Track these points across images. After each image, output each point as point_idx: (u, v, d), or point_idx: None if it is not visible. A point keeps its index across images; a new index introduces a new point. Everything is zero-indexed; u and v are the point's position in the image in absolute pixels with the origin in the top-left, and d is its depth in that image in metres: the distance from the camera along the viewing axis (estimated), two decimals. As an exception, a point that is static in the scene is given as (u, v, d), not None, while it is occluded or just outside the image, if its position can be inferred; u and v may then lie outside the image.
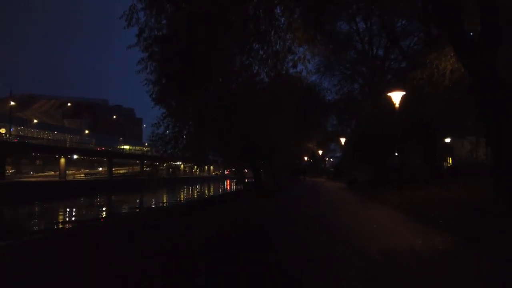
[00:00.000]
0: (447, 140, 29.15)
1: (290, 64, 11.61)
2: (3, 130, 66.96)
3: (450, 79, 12.87)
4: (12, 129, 71.97)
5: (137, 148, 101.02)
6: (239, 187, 48.22)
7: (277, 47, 11.33)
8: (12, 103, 57.23)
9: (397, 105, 13.76)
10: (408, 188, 14.14)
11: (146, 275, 5.17)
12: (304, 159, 57.50)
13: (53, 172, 69.38)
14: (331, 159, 75.37)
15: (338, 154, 57.46)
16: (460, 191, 12.59)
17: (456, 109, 15.49)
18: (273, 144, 17.81)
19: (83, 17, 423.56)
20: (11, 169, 68.32)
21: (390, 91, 14.19)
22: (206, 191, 61.14)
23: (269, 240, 7.54)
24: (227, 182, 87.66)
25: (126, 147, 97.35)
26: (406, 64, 22.13)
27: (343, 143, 32.27)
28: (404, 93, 13.85)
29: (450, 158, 34.14)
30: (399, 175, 16.16)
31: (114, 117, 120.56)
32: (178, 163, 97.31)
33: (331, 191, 23.08)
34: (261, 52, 11.60)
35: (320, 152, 54.12)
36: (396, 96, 13.80)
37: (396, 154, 22.07)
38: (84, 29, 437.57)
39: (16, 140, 54.73)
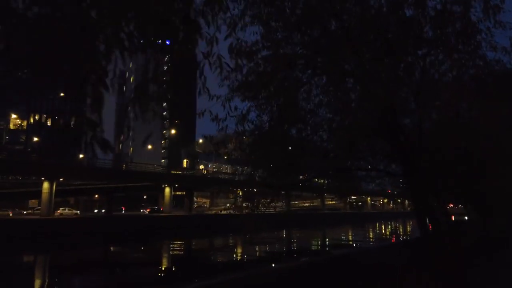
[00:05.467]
0: None
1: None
2: (201, 166, 76.71)
3: None
4: (211, 165, 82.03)
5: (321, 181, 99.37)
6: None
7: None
8: (200, 140, 64.59)
9: None
10: None
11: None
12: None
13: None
14: None
15: None
16: None
17: None
18: (485, 162, 9.07)
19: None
20: (207, 203, 76.52)
21: None
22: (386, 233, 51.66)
23: None
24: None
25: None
26: None
27: None
28: None
29: None
30: None
31: (290, 148, 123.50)
32: (363, 196, 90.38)
33: None
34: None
35: None
36: None
37: None
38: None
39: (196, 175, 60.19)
